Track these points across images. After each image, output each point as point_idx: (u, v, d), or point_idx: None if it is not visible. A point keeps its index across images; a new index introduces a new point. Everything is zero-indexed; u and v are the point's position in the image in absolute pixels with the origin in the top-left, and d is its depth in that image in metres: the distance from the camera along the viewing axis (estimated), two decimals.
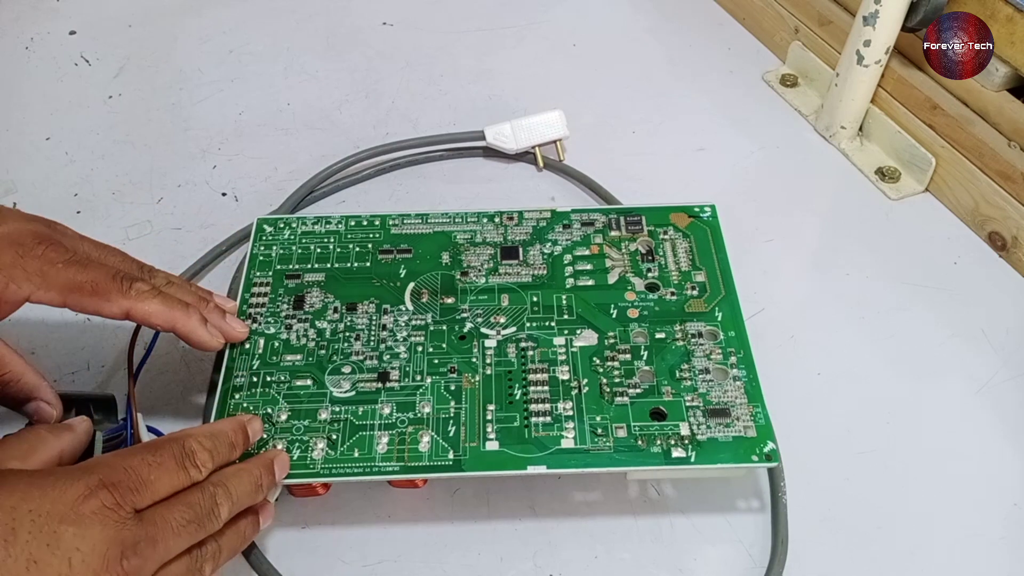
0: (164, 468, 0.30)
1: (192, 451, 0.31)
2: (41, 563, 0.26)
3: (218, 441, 0.33)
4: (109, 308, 0.35)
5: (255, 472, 0.34)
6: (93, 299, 0.35)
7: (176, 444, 0.31)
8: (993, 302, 0.48)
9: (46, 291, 0.34)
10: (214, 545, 0.32)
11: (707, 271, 0.43)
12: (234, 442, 0.34)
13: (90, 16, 0.67)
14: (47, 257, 0.35)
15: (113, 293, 0.35)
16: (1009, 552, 0.38)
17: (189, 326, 0.37)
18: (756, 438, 0.37)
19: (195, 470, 0.31)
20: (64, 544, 0.26)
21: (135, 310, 0.35)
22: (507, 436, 0.37)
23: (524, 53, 0.65)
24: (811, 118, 0.59)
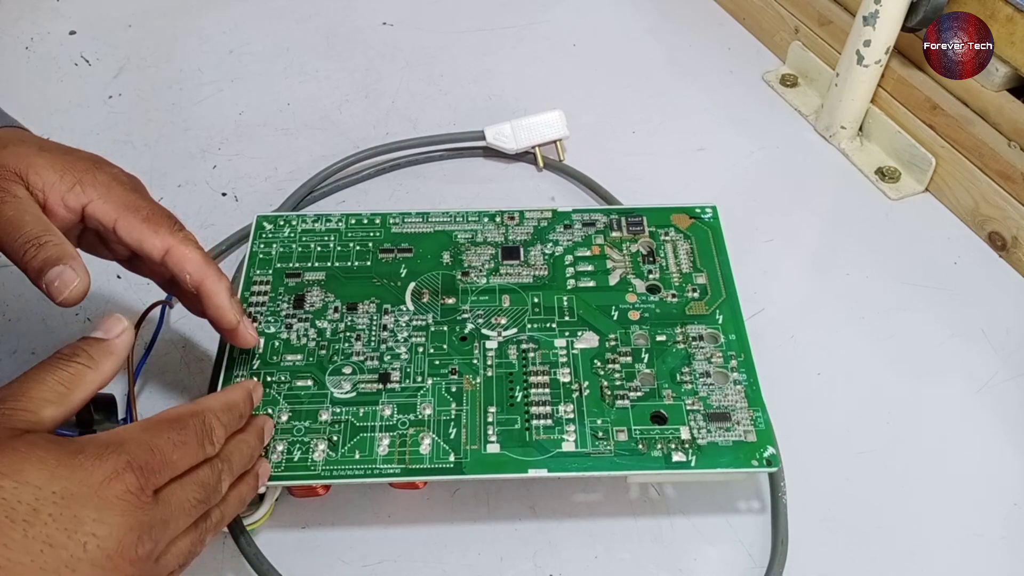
0: (188, 448, 0.30)
1: (211, 428, 0.31)
2: (56, 546, 0.25)
3: (232, 415, 0.33)
4: (152, 241, 0.36)
5: (251, 442, 0.34)
6: (144, 226, 0.36)
7: (198, 420, 0.31)
8: (993, 302, 0.48)
9: (105, 203, 0.35)
10: (217, 514, 0.32)
11: (708, 273, 0.43)
12: (243, 412, 0.34)
13: (90, 16, 0.67)
14: (118, 177, 0.37)
15: (163, 228, 0.36)
16: (1009, 552, 0.38)
17: (217, 288, 0.37)
18: (756, 443, 0.37)
19: (212, 448, 0.31)
20: (83, 528, 0.26)
21: (175, 251, 0.36)
22: (508, 439, 0.37)
23: (524, 53, 0.65)
24: (811, 118, 0.59)
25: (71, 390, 0.30)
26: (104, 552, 0.26)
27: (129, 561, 0.27)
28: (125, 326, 0.32)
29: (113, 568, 0.26)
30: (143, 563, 0.27)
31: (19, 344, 0.45)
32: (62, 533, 0.26)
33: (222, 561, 0.38)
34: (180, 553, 0.30)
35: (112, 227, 0.35)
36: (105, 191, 0.36)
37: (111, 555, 0.26)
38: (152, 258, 0.36)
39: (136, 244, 0.36)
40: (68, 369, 0.30)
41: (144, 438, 0.29)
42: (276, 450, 0.37)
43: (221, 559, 0.38)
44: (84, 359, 0.30)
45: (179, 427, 0.30)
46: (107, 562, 0.26)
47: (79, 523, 0.26)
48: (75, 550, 0.26)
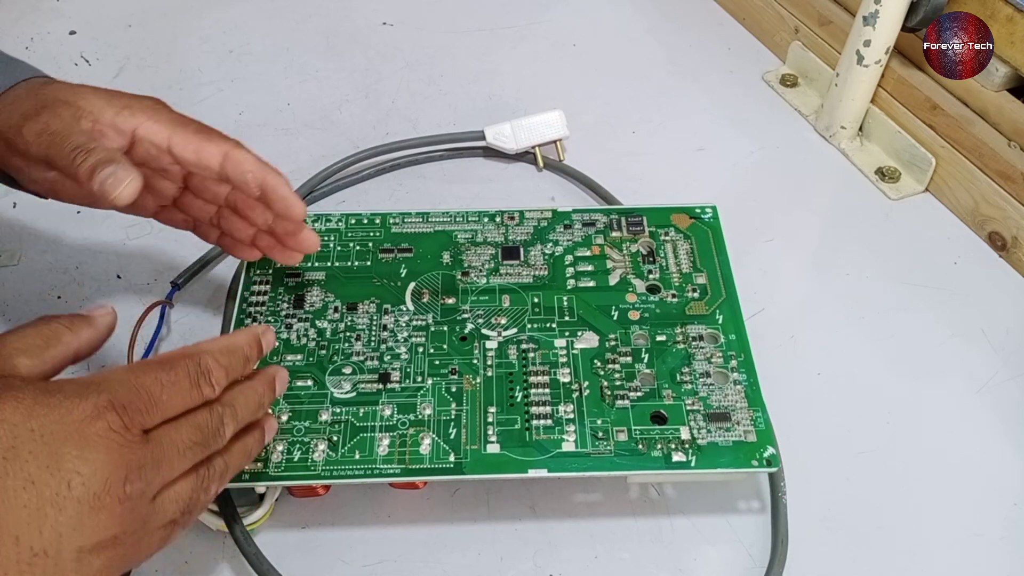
0: (177, 388, 0.29)
1: (208, 369, 0.30)
2: (39, 483, 0.25)
3: (234, 358, 0.32)
4: (209, 148, 0.36)
5: (259, 390, 0.33)
6: (198, 136, 0.36)
7: (192, 362, 0.30)
8: (993, 302, 0.48)
9: (155, 123, 0.36)
10: (221, 463, 0.31)
11: (708, 273, 0.43)
12: (248, 356, 0.33)
13: (90, 16, 0.67)
14: (161, 102, 0.37)
15: (215, 136, 0.36)
16: (1009, 552, 0.38)
17: (280, 181, 0.37)
18: (756, 443, 0.37)
19: (208, 389, 0.30)
20: (65, 466, 0.25)
21: (233, 154, 0.36)
22: (508, 439, 0.37)
23: (524, 53, 0.65)
24: (811, 118, 0.59)
25: (47, 346, 0.29)
26: (90, 490, 0.25)
27: (117, 500, 0.26)
28: (108, 310, 0.32)
29: (101, 507, 0.26)
30: (133, 503, 0.27)
31: None
32: (44, 471, 0.25)
33: (222, 561, 0.38)
34: (179, 498, 0.29)
35: (167, 145, 0.36)
36: (153, 113, 0.36)
37: (98, 493, 0.26)
38: (210, 166, 0.36)
39: (194, 156, 0.36)
40: (47, 326, 0.30)
41: (127, 377, 0.28)
42: (276, 450, 0.37)
43: (221, 559, 0.38)
44: (64, 321, 0.31)
45: (168, 367, 0.29)
46: (94, 500, 0.26)
47: (60, 460, 0.25)
48: (59, 487, 0.25)
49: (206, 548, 0.38)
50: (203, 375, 0.30)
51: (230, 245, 0.42)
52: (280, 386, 0.35)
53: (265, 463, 0.36)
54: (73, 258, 0.49)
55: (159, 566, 0.38)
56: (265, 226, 0.40)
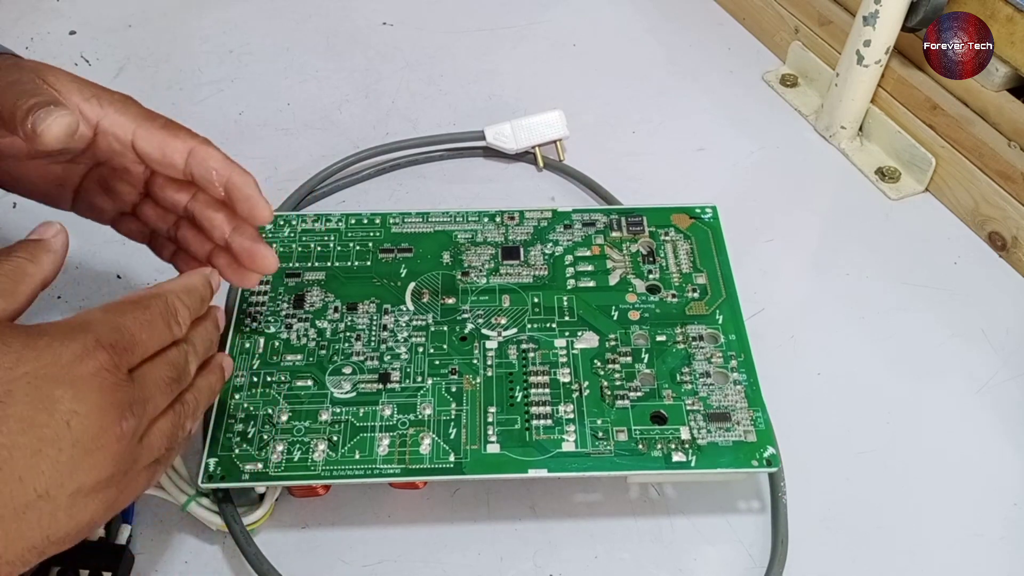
0: (153, 327, 0.30)
1: (175, 309, 0.31)
2: (38, 425, 0.25)
3: (193, 297, 0.33)
4: (174, 143, 0.35)
5: (210, 328, 0.34)
6: (163, 132, 0.35)
7: (161, 302, 0.31)
8: (993, 302, 0.48)
9: (122, 115, 0.35)
10: (192, 399, 0.32)
11: (708, 273, 0.43)
12: (204, 296, 0.34)
13: (90, 16, 0.67)
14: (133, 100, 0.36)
15: (182, 132, 0.36)
16: (1009, 552, 0.38)
17: (246, 179, 0.36)
18: (756, 443, 0.37)
19: (177, 328, 0.31)
20: (61, 406, 0.25)
21: (198, 150, 0.35)
22: (508, 439, 0.37)
23: (524, 53, 0.65)
24: (811, 118, 0.59)
25: (16, 283, 0.29)
26: (88, 429, 0.26)
27: (116, 438, 0.27)
28: (58, 228, 0.32)
29: (101, 446, 0.26)
30: (128, 441, 0.27)
31: None
32: (41, 412, 0.25)
33: (222, 561, 0.38)
34: (163, 435, 0.30)
35: (131, 139, 0.35)
36: (122, 106, 0.35)
37: (95, 433, 0.26)
38: (174, 162, 0.35)
39: (157, 151, 0.35)
40: (8, 263, 0.29)
41: (109, 318, 0.28)
42: (276, 450, 0.37)
43: (221, 559, 0.38)
44: (23, 253, 0.30)
45: (143, 307, 0.30)
46: (92, 440, 0.26)
47: (56, 401, 0.25)
48: (58, 428, 0.25)
49: (206, 548, 0.38)
50: (172, 315, 0.31)
51: (184, 263, 0.40)
52: (221, 322, 0.36)
53: (265, 463, 0.36)
54: (73, 258, 0.49)
55: (159, 566, 0.38)
56: (222, 241, 0.38)
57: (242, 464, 0.36)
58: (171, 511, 0.39)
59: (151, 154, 0.35)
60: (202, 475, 0.36)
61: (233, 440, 0.37)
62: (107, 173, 0.38)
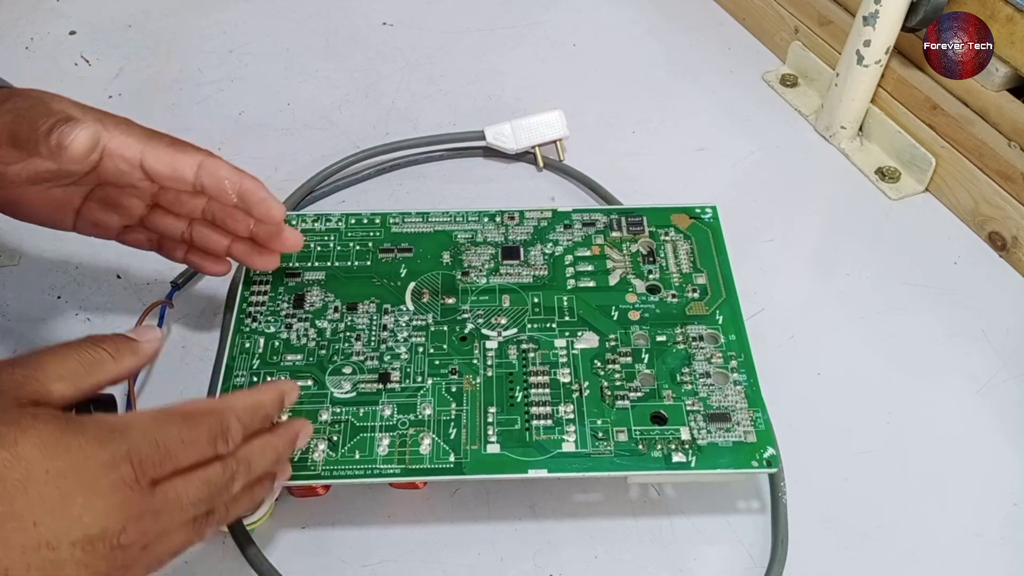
0: (196, 446, 0.29)
1: (227, 428, 0.30)
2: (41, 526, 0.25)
3: (257, 416, 0.32)
4: (183, 158, 0.36)
5: (278, 446, 0.33)
6: (171, 149, 0.36)
7: (215, 420, 0.30)
8: (993, 302, 0.48)
9: (128, 137, 0.35)
10: (223, 511, 0.31)
11: (708, 273, 0.43)
12: (270, 414, 0.33)
13: (90, 16, 0.67)
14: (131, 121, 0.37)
15: (188, 147, 0.36)
16: (1009, 552, 0.38)
17: (258, 185, 0.37)
18: (756, 444, 0.37)
19: (224, 447, 0.30)
20: (71, 512, 0.26)
21: (208, 163, 0.36)
22: (508, 439, 0.37)
23: (524, 53, 0.65)
24: (811, 118, 0.59)
25: (88, 373, 0.29)
26: (87, 536, 0.26)
27: (110, 547, 0.26)
28: (158, 335, 0.32)
29: (93, 551, 0.26)
30: (125, 551, 0.27)
31: (19, 344, 0.45)
32: (49, 515, 0.25)
33: (222, 561, 0.38)
34: (171, 547, 0.29)
35: (139, 159, 0.35)
36: (126, 127, 0.36)
37: (93, 539, 0.26)
38: (185, 177, 0.36)
39: (168, 168, 0.35)
40: (91, 352, 0.29)
41: (151, 429, 0.28)
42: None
43: (221, 559, 0.38)
44: (110, 348, 0.30)
45: (192, 424, 0.29)
46: (88, 545, 0.26)
47: (68, 507, 0.25)
48: (59, 532, 0.25)
49: (206, 548, 0.38)
50: (222, 434, 0.30)
51: (199, 261, 0.41)
52: (302, 441, 0.35)
53: None
54: (73, 258, 0.49)
55: None
56: (247, 233, 0.40)
57: None
58: None
59: (161, 171, 0.36)
60: None
61: None
62: (111, 192, 0.38)
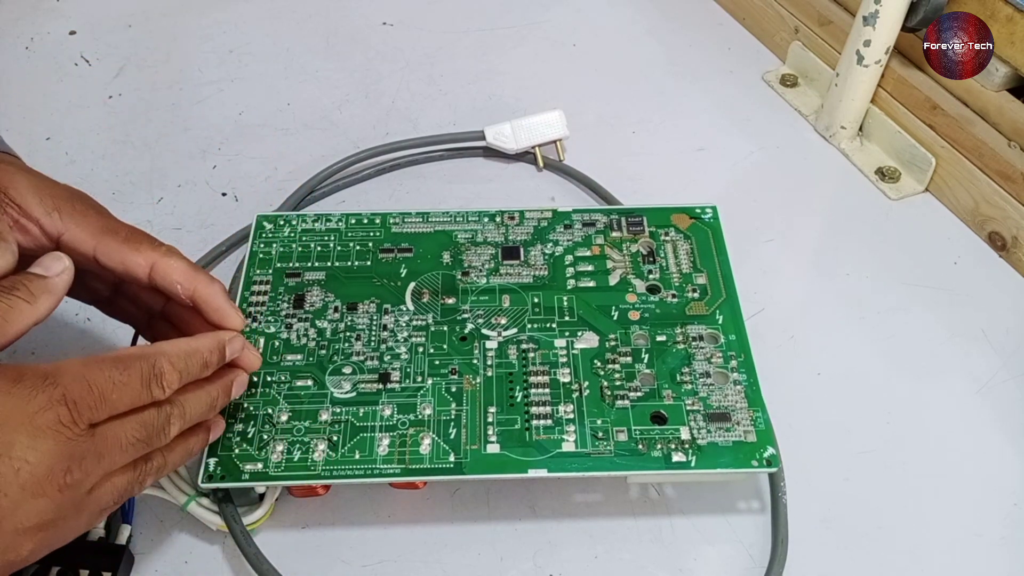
0: (128, 388, 0.30)
1: (161, 372, 0.31)
2: None
3: (191, 361, 0.32)
4: (135, 258, 0.35)
5: (214, 393, 0.34)
6: (124, 246, 0.35)
7: (147, 363, 0.30)
8: (993, 302, 0.48)
9: (82, 230, 0.35)
10: (160, 459, 0.32)
11: (708, 273, 0.43)
12: (208, 361, 0.33)
13: (90, 16, 0.67)
14: (95, 207, 0.36)
15: (144, 245, 0.35)
16: (1009, 552, 0.38)
17: (212, 290, 0.35)
18: (756, 443, 0.37)
19: (159, 391, 0.31)
20: (16, 453, 0.27)
21: (160, 264, 0.35)
22: (508, 439, 0.37)
23: (524, 53, 0.65)
24: (811, 118, 0.59)
25: (8, 322, 0.29)
26: (34, 477, 0.27)
27: (57, 487, 0.27)
28: (65, 265, 0.32)
29: (42, 493, 0.27)
30: (71, 491, 0.28)
31: (18, 344, 0.45)
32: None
33: (222, 561, 0.38)
34: (115, 489, 0.30)
35: (92, 254, 0.35)
36: (82, 219, 0.35)
37: (40, 480, 0.27)
38: (137, 277, 0.35)
39: (119, 266, 0.35)
40: (6, 301, 0.30)
41: (82, 372, 0.29)
42: (276, 450, 0.37)
43: (221, 559, 0.38)
44: (23, 293, 0.30)
45: (122, 367, 0.30)
46: (36, 487, 0.27)
47: (11, 447, 0.26)
48: (7, 472, 0.26)
49: (206, 548, 0.38)
50: (155, 377, 0.30)
51: None
52: (237, 390, 0.35)
53: (265, 463, 0.36)
54: None
55: (159, 566, 0.38)
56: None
57: (242, 464, 0.36)
58: (171, 511, 0.39)
59: (114, 268, 0.35)
60: (202, 475, 0.36)
61: (233, 440, 0.37)
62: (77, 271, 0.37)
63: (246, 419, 0.38)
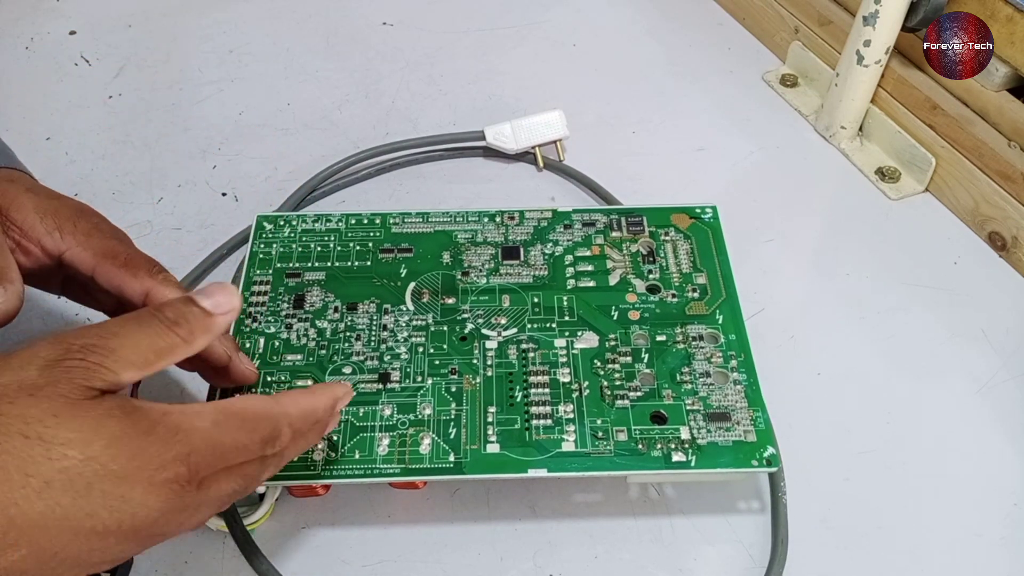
0: (248, 451, 0.29)
1: (279, 434, 0.30)
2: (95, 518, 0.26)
3: (307, 422, 0.32)
4: (132, 284, 0.35)
5: (312, 441, 0.33)
6: (122, 271, 0.35)
7: (270, 425, 0.30)
8: (993, 302, 0.48)
9: (83, 250, 0.35)
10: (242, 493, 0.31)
11: (708, 273, 0.43)
12: (319, 420, 0.33)
13: (90, 16, 0.67)
14: (99, 227, 0.36)
15: (142, 271, 0.35)
16: (1009, 552, 0.38)
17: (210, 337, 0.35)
18: (756, 443, 0.37)
19: (271, 450, 0.30)
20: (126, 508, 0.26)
21: (155, 292, 0.35)
22: (508, 438, 0.37)
23: (524, 53, 0.65)
24: (811, 118, 0.59)
25: (159, 360, 0.29)
26: (132, 528, 0.27)
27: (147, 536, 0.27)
28: (235, 305, 0.31)
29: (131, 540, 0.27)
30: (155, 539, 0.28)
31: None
32: (105, 510, 0.26)
33: (222, 561, 0.38)
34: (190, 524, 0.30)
35: (91, 274, 0.35)
36: (84, 239, 0.35)
37: (135, 530, 0.27)
38: (133, 303, 0.35)
39: (116, 290, 0.35)
40: (166, 339, 0.29)
41: (212, 435, 0.28)
42: None
43: (221, 559, 0.38)
44: (184, 332, 0.30)
45: (248, 430, 0.29)
46: (129, 534, 0.27)
47: (124, 503, 0.26)
48: (110, 523, 0.26)
49: (206, 548, 0.38)
50: (273, 440, 0.30)
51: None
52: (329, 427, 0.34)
53: None
54: None
55: (158, 566, 0.38)
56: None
57: None
58: None
59: (111, 290, 0.35)
60: None
61: None
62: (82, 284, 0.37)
63: None
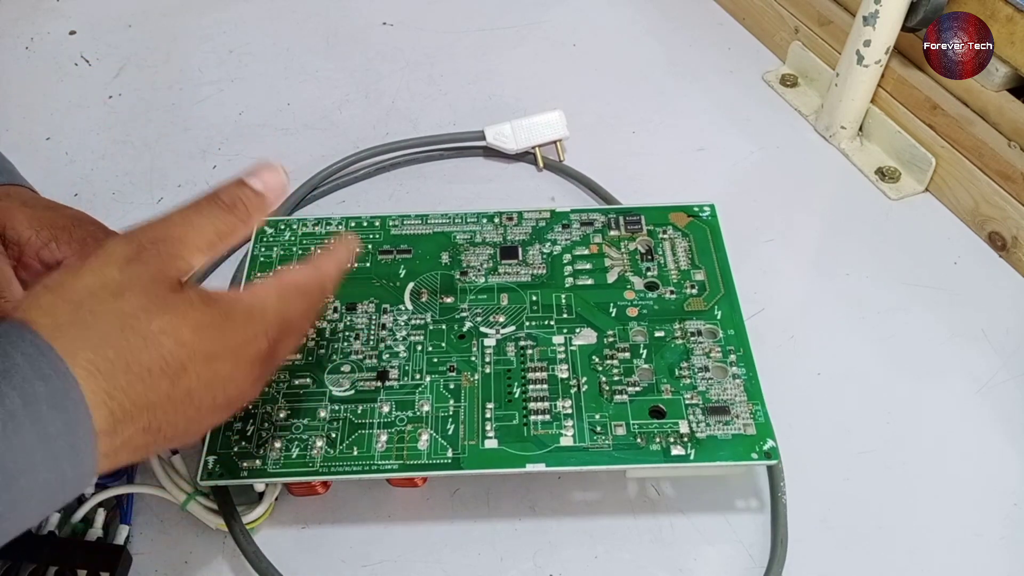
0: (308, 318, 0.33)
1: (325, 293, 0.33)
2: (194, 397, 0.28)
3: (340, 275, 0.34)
4: None
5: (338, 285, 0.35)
6: None
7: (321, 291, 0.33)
8: (993, 302, 0.48)
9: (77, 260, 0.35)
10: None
11: (706, 270, 0.43)
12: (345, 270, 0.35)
13: (90, 16, 0.67)
14: (95, 235, 0.37)
15: None
16: (1009, 552, 0.38)
17: None
18: (756, 436, 0.37)
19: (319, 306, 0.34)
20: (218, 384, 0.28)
21: None
22: (506, 434, 0.37)
23: (524, 53, 0.65)
24: (811, 118, 0.59)
25: (221, 241, 0.30)
26: (227, 400, 0.29)
27: (235, 400, 0.30)
28: (283, 181, 0.32)
29: (223, 410, 0.30)
30: (239, 401, 0.30)
31: None
32: (202, 387, 0.28)
33: (222, 561, 0.38)
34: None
35: None
36: (80, 248, 0.36)
37: (230, 401, 0.29)
38: None
39: None
40: (225, 220, 0.30)
41: (280, 309, 0.31)
42: (274, 447, 0.37)
43: (221, 559, 0.38)
44: (241, 213, 0.31)
45: (306, 296, 0.32)
46: (224, 406, 0.29)
47: (217, 379, 0.28)
48: (208, 400, 0.28)
49: (206, 547, 0.38)
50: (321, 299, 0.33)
51: None
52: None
53: (263, 460, 0.36)
54: None
55: (158, 565, 0.38)
56: None
57: (240, 461, 0.36)
58: (170, 510, 0.39)
59: None
60: (201, 472, 0.36)
61: (232, 438, 0.37)
62: None
63: (245, 417, 0.38)
